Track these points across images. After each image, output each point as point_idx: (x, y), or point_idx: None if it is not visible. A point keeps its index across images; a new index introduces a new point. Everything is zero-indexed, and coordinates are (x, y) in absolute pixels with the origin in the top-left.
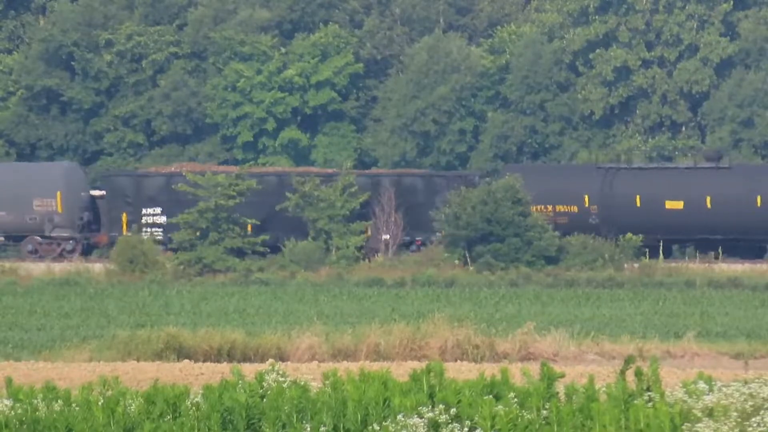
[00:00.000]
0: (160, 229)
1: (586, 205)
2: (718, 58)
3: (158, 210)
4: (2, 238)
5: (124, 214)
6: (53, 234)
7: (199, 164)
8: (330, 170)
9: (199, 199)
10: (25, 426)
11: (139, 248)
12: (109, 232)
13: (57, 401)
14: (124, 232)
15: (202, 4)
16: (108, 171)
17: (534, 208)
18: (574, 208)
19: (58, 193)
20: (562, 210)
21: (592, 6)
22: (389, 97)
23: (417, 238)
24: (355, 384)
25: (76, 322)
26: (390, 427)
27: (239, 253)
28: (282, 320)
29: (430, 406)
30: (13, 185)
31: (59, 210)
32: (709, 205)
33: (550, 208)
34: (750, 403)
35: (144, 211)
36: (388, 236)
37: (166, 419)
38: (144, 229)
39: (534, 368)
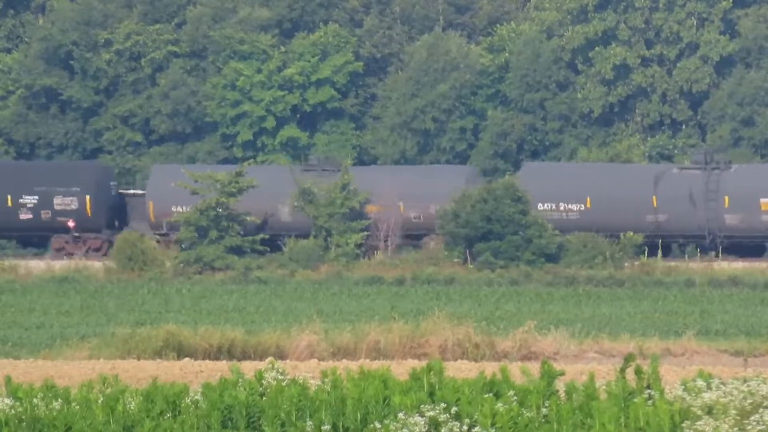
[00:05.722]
0: None
1: None
2: (718, 57)
3: None
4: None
5: None
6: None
7: None
8: None
9: None
10: (24, 424)
11: (138, 246)
12: None
13: (56, 399)
14: None
15: (201, 2)
16: None
17: None
18: None
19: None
20: None
21: (591, 4)
22: (389, 95)
23: None
24: (355, 382)
25: (76, 320)
26: (390, 426)
27: (238, 251)
28: (281, 318)
29: (431, 405)
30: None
31: None
32: None
33: None
34: (749, 400)
35: None
36: None
37: (166, 417)
38: None
39: (534, 367)
